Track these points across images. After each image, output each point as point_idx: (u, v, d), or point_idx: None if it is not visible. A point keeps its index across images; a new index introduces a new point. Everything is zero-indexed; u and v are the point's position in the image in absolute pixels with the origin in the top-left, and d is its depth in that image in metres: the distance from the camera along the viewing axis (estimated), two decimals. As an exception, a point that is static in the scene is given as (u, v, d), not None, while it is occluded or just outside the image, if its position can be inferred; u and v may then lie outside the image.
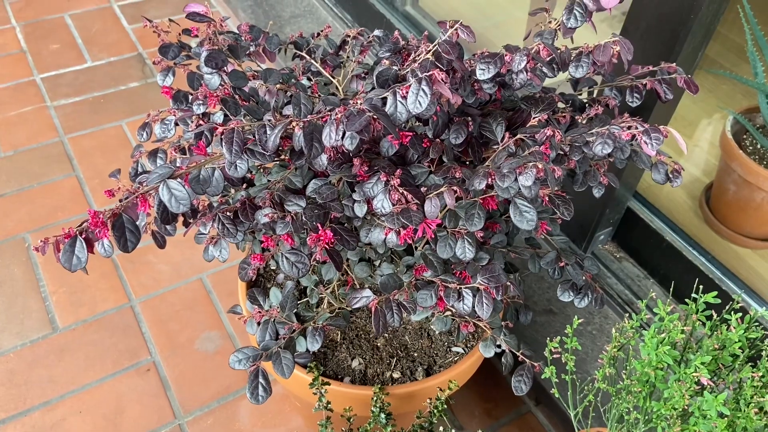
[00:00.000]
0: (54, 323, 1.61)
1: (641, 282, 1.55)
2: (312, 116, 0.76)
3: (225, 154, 0.82)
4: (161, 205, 0.82)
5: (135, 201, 0.82)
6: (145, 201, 0.83)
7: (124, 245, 0.82)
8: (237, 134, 0.82)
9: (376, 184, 0.88)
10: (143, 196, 0.82)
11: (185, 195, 0.81)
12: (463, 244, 0.95)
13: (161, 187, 0.81)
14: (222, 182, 0.90)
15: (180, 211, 0.82)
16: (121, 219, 0.81)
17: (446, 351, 1.20)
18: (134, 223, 0.82)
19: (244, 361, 0.92)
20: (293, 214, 0.90)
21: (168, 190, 0.81)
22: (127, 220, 0.81)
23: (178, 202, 0.81)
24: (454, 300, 0.90)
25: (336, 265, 0.90)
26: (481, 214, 0.92)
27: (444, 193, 0.83)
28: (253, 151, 0.84)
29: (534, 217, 0.86)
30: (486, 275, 0.90)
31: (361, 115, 0.66)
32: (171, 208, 0.81)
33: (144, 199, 0.83)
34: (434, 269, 0.98)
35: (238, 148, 0.82)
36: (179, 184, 0.81)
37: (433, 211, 0.84)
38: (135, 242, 0.82)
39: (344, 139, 0.68)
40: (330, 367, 1.15)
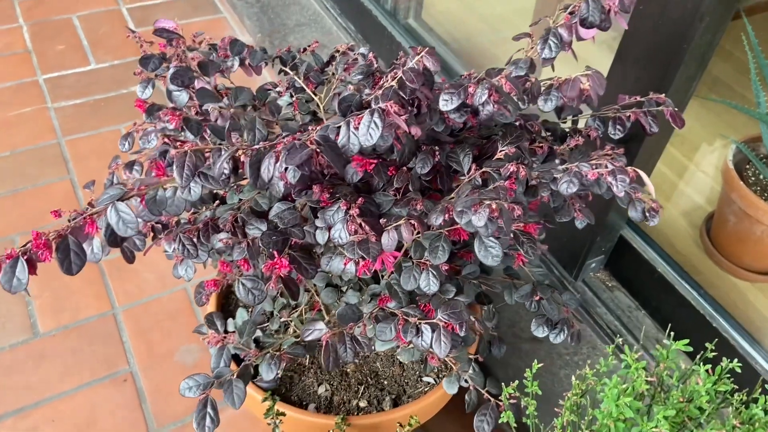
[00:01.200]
0: (35, 328, 1.60)
1: (632, 313, 1.50)
2: (263, 143, 0.73)
3: (176, 178, 0.80)
4: (108, 228, 0.80)
5: (82, 223, 0.80)
6: (93, 223, 0.81)
7: (68, 268, 0.80)
8: (189, 158, 0.79)
9: (336, 212, 0.85)
10: (91, 218, 0.80)
11: (132, 219, 0.78)
12: (427, 277, 0.92)
13: (109, 210, 0.79)
14: (183, 204, 0.88)
15: (128, 234, 0.79)
16: (67, 241, 0.79)
17: (417, 380, 1.17)
18: (80, 246, 0.80)
19: (195, 388, 0.89)
20: (250, 239, 0.88)
21: (116, 212, 0.79)
22: (73, 243, 0.79)
23: (125, 225, 0.79)
24: (412, 335, 0.87)
25: (291, 294, 0.87)
26: (446, 247, 0.89)
27: (402, 226, 0.80)
28: (206, 176, 0.81)
29: (499, 252, 0.83)
30: (447, 311, 0.86)
31: (302, 149, 0.63)
32: (118, 231, 0.79)
33: (92, 221, 0.81)
34: (398, 300, 0.95)
35: (189, 172, 0.79)
36: (127, 207, 0.79)
37: (390, 244, 0.81)
38: (80, 265, 0.80)
39: (287, 172, 0.65)
40: (295, 392, 1.12)
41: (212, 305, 1.16)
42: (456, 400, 1.20)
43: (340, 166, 0.67)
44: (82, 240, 0.81)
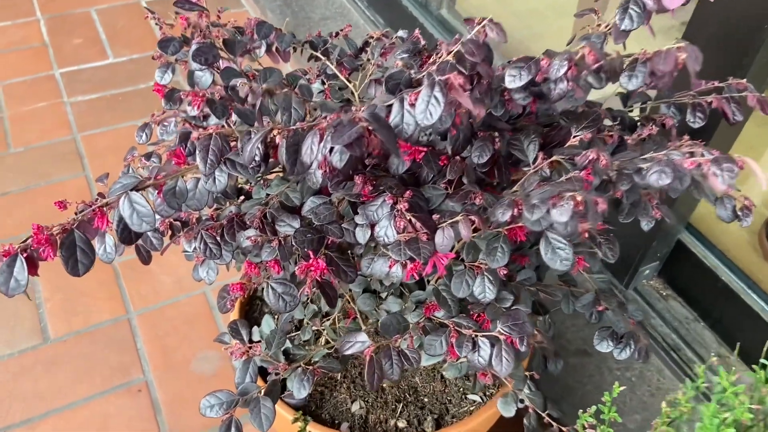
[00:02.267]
0: (45, 333, 1.51)
1: (690, 325, 1.38)
2: (301, 124, 0.62)
3: (199, 165, 0.69)
4: (121, 222, 0.69)
5: (91, 216, 0.70)
6: (103, 216, 0.70)
7: (73, 268, 0.69)
8: (214, 141, 0.69)
9: (380, 206, 0.74)
10: (101, 210, 0.70)
11: (148, 212, 0.68)
12: (482, 282, 0.80)
13: (122, 201, 0.68)
14: (206, 196, 0.78)
15: (143, 229, 0.69)
16: (73, 236, 0.68)
17: (461, 398, 1.05)
18: (88, 243, 0.69)
19: (217, 407, 0.78)
20: (282, 237, 0.77)
21: (130, 204, 0.68)
22: (80, 239, 0.69)
23: (140, 218, 0.68)
24: (467, 350, 0.75)
25: (328, 300, 0.76)
26: (506, 248, 0.77)
27: (459, 223, 0.68)
28: (234, 163, 0.71)
29: (570, 255, 0.71)
30: (508, 323, 0.75)
31: (351, 126, 0.52)
32: (132, 225, 0.68)
33: (102, 213, 0.70)
34: (448, 309, 0.83)
35: (214, 158, 0.69)
36: (142, 198, 0.68)
37: (446, 243, 0.70)
38: (87, 265, 0.70)
39: (332, 155, 0.54)
40: (326, 410, 1.01)
41: (236, 312, 1.05)
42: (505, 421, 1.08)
43: (395, 147, 0.56)
44: (90, 236, 0.70)
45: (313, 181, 0.73)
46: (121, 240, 0.72)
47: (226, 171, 0.71)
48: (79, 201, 0.81)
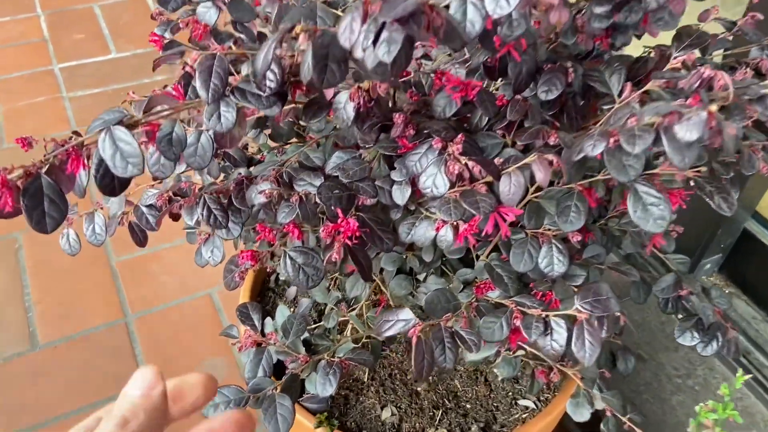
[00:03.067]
0: (34, 339, 1.35)
1: (759, 326, 1.21)
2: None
3: (200, 92, 0.55)
4: (101, 165, 0.55)
5: (63, 157, 0.55)
6: (78, 158, 0.56)
7: (38, 222, 0.54)
8: (219, 62, 0.54)
9: (425, 153, 0.59)
10: (76, 151, 0.55)
11: (135, 150, 0.53)
12: (549, 252, 0.65)
13: (102, 138, 0.54)
14: (210, 149, 0.63)
15: (128, 173, 0.54)
16: (39, 182, 0.54)
17: (510, 404, 0.89)
18: (59, 191, 0.54)
19: (223, 407, 0.63)
20: (302, 194, 0.62)
21: (112, 141, 0.54)
22: (48, 186, 0.54)
23: (124, 160, 0.54)
24: (537, 334, 0.59)
25: (362, 271, 0.61)
26: (581, 208, 0.62)
27: (533, 164, 0.53)
28: (243, 92, 0.56)
29: (666, 212, 0.57)
30: (588, 298, 0.59)
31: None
32: (115, 168, 0.54)
33: (77, 154, 0.56)
34: (504, 288, 0.68)
35: (218, 82, 0.54)
36: (128, 134, 0.54)
37: (514, 192, 0.55)
38: (58, 218, 0.55)
39: (378, 46, 0.39)
40: (352, 416, 0.85)
41: (245, 295, 0.90)
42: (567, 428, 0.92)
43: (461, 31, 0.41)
44: (62, 183, 0.55)
45: (344, 118, 0.58)
46: (102, 189, 0.57)
47: (234, 102, 0.57)
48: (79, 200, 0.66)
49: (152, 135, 0.64)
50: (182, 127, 0.61)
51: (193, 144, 0.63)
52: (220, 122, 0.58)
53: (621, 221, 0.81)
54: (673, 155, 0.47)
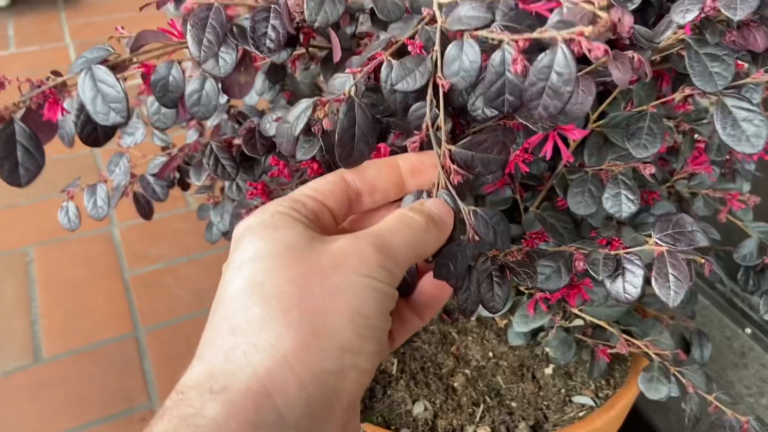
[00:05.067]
0: (38, 352, 1.26)
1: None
2: None
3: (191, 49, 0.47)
4: (82, 111, 0.47)
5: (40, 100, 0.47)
6: (56, 103, 0.48)
7: (11, 173, 0.47)
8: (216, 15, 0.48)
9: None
10: (53, 94, 0.47)
11: (118, 93, 0.46)
12: (616, 189, 0.55)
13: (82, 78, 0.46)
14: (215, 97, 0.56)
15: (110, 121, 0.46)
16: (11, 129, 0.46)
17: (564, 402, 0.76)
18: (35, 139, 0.47)
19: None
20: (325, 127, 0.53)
21: (92, 82, 0.46)
22: (23, 133, 0.47)
23: (106, 104, 0.46)
24: (606, 273, 0.49)
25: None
26: (656, 130, 0.52)
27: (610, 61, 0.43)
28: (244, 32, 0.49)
29: (764, 130, 0.47)
30: (668, 230, 0.49)
31: None
32: (95, 114, 0.46)
33: (55, 98, 0.48)
34: (559, 238, 0.58)
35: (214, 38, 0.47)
36: (110, 75, 0.46)
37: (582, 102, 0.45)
38: (33, 170, 0.47)
39: None
40: (378, 410, 0.73)
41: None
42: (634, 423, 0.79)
43: None
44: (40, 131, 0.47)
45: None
46: (84, 139, 0.49)
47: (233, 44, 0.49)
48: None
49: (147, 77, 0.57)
50: (180, 70, 0.54)
51: (197, 91, 0.56)
52: (218, 65, 0.50)
53: (691, 182, 0.71)
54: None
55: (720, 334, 1.16)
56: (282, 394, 0.28)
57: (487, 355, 0.81)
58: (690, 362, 0.67)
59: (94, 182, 0.82)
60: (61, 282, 1.41)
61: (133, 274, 1.42)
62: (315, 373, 0.29)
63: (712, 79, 0.48)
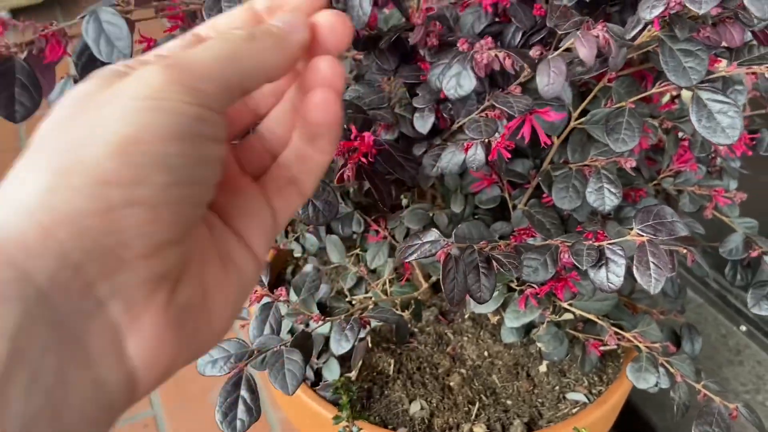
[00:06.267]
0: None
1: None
2: None
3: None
4: (84, 53, 0.49)
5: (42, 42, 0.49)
6: (59, 43, 0.50)
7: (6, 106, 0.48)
8: None
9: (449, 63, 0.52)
10: (55, 37, 0.49)
11: (123, 32, 0.47)
12: (599, 184, 0.56)
13: (86, 20, 0.48)
14: None
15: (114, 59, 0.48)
16: (11, 65, 0.47)
17: (558, 398, 0.77)
18: (33, 76, 0.48)
19: (222, 362, 0.54)
20: (313, 114, 0.55)
21: (97, 24, 0.48)
22: (22, 69, 0.48)
23: (110, 43, 0.48)
24: (589, 263, 0.50)
25: (380, 197, 0.53)
26: (634, 124, 0.54)
27: (578, 40, 0.45)
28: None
29: (737, 121, 0.49)
30: (649, 221, 0.50)
31: None
32: (99, 53, 0.48)
33: (57, 41, 0.50)
34: (546, 233, 0.59)
35: None
36: (116, 15, 0.48)
37: (554, 81, 0.47)
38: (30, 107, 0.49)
39: None
40: (376, 410, 0.74)
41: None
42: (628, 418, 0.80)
43: None
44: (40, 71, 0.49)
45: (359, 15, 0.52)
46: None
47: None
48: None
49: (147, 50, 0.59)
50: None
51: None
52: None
53: (677, 180, 0.72)
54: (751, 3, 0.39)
55: (715, 331, 1.17)
56: (20, 244, 0.23)
57: (482, 354, 0.82)
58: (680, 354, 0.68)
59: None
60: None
61: (135, 285, 1.44)
62: (64, 216, 0.23)
63: (686, 73, 0.49)
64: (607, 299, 0.63)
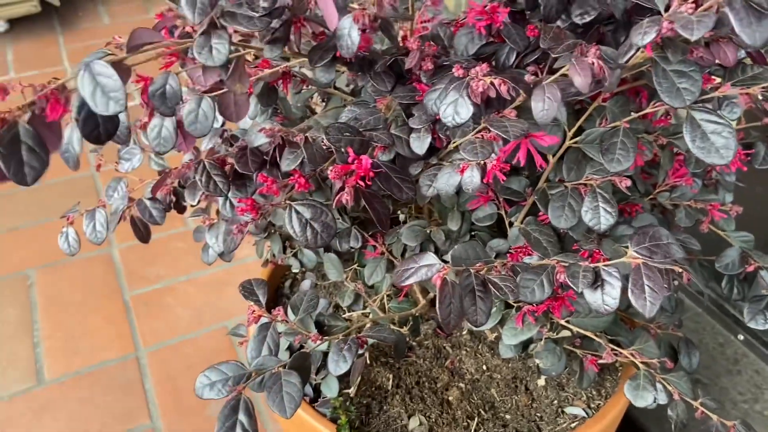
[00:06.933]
0: (40, 374, 1.28)
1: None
2: None
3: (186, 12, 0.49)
4: (83, 108, 0.49)
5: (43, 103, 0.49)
6: (58, 101, 0.50)
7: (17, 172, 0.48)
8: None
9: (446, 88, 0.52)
10: (54, 95, 0.49)
11: (116, 84, 0.48)
12: (594, 203, 0.57)
13: (81, 76, 0.48)
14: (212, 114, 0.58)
15: (110, 110, 0.48)
16: (16, 131, 0.48)
17: (556, 413, 0.77)
18: (39, 139, 0.49)
19: (219, 385, 0.54)
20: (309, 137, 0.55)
21: (91, 77, 0.48)
22: (27, 133, 0.48)
23: (105, 95, 0.48)
24: (585, 284, 0.50)
25: (377, 218, 0.53)
26: (629, 144, 0.54)
27: (572, 67, 0.46)
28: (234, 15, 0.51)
29: (731, 141, 0.49)
30: (645, 243, 0.50)
31: None
32: (96, 107, 0.48)
33: (56, 99, 0.50)
34: (543, 251, 0.59)
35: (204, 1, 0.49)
36: (107, 67, 0.48)
37: (548, 108, 0.47)
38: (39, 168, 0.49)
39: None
40: (375, 426, 0.74)
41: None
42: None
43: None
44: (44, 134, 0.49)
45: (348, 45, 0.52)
46: (87, 135, 0.51)
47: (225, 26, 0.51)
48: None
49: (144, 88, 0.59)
50: (176, 79, 0.56)
51: (193, 110, 0.58)
52: (212, 56, 0.52)
53: (672, 194, 0.72)
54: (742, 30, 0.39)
55: (713, 340, 1.18)
56: None
57: (481, 368, 0.82)
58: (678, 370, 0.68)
59: (93, 207, 0.84)
60: (62, 304, 1.43)
61: (133, 295, 1.44)
62: None
63: (680, 94, 0.49)
64: (605, 316, 0.63)
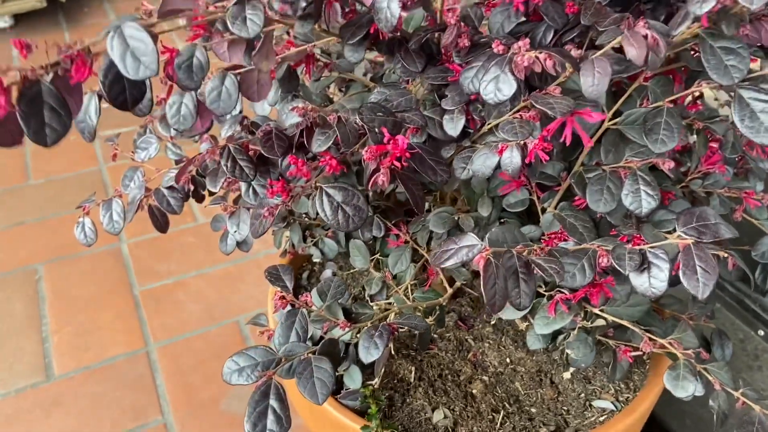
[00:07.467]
0: (49, 370, 1.26)
1: None
2: None
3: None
4: (110, 71, 0.47)
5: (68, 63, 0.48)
6: (84, 63, 0.48)
7: (37, 131, 0.47)
8: None
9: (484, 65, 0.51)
10: (81, 56, 0.48)
11: (149, 47, 0.46)
12: (635, 186, 0.55)
13: (111, 37, 0.47)
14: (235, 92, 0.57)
15: (141, 75, 0.46)
16: (38, 88, 0.46)
17: (584, 406, 0.76)
18: (61, 100, 0.47)
19: (249, 371, 0.52)
20: (341, 116, 0.53)
21: (122, 40, 0.46)
22: (49, 93, 0.47)
23: (136, 59, 0.46)
24: (632, 267, 0.48)
25: (414, 201, 0.51)
26: (673, 125, 0.52)
27: (625, 39, 0.44)
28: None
29: None
30: (692, 224, 0.49)
31: None
32: (125, 70, 0.46)
33: (83, 60, 0.48)
34: (579, 237, 0.57)
35: None
36: (141, 31, 0.46)
37: (599, 82, 0.45)
38: (60, 130, 0.48)
39: None
40: (398, 419, 0.73)
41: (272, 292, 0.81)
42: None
43: None
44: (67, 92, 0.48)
45: (388, 18, 0.50)
46: (112, 100, 0.49)
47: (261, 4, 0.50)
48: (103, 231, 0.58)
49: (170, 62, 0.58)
50: (204, 52, 0.55)
51: (217, 88, 0.57)
52: (246, 26, 0.50)
53: (705, 182, 0.71)
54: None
55: (733, 336, 1.16)
56: None
57: (504, 361, 0.81)
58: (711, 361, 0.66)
59: (110, 197, 0.82)
60: (71, 299, 1.41)
61: (143, 290, 1.42)
62: None
63: (728, 72, 0.48)
64: (640, 305, 0.61)
